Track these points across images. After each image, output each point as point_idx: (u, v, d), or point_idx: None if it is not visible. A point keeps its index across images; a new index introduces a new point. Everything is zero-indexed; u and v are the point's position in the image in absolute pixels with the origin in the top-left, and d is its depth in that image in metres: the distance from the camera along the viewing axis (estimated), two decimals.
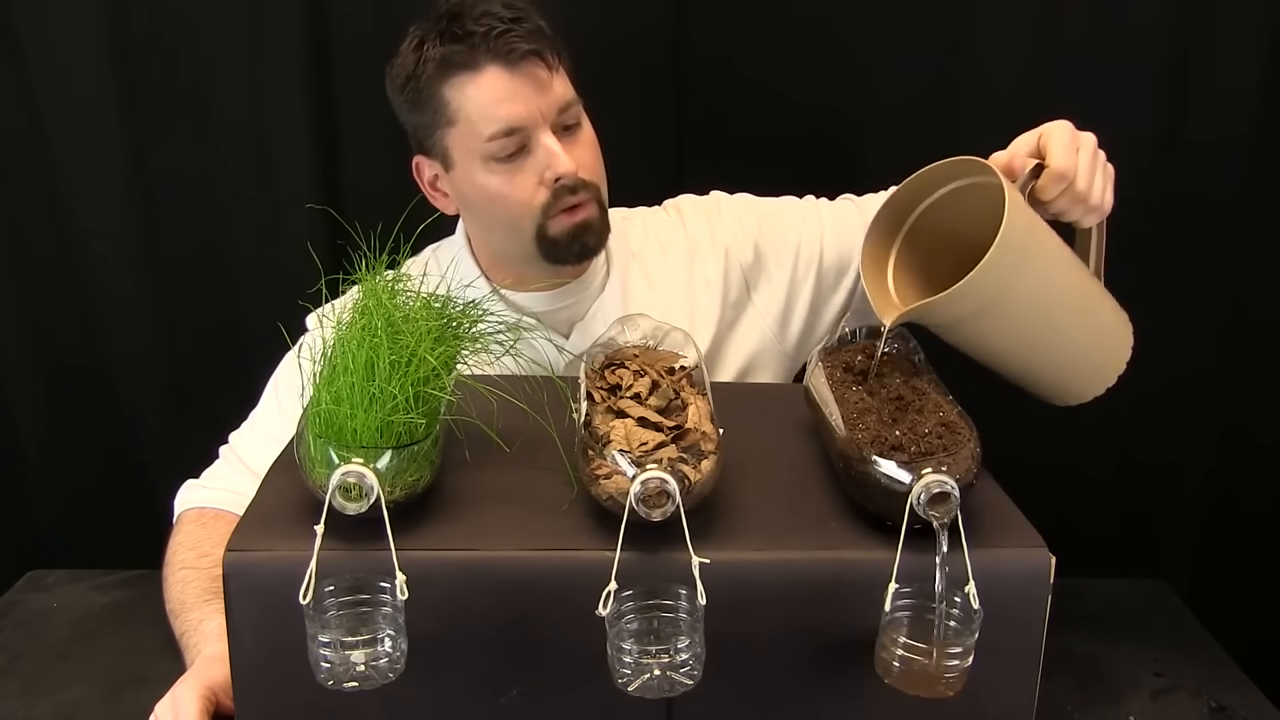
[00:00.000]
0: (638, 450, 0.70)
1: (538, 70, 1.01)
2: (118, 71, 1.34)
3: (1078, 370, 0.99)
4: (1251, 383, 1.50)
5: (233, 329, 1.46)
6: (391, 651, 0.66)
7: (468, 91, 1.01)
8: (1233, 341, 1.48)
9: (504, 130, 1.01)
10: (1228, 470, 1.53)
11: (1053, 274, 0.92)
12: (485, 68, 1.00)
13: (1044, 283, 0.91)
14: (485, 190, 1.04)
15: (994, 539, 0.72)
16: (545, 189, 1.03)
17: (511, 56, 1.00)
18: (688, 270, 1.16)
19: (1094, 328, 0.98)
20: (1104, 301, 0.99)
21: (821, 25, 1.38)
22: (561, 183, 1.02)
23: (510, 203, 1.04)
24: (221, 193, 1.41)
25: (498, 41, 0.99)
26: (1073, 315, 0.96)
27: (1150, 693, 1.00)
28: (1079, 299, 0.96)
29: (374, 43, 1.33)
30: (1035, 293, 0.90)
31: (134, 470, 1.50)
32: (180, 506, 1.10)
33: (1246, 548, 1.56)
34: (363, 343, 0.72)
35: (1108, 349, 0.99)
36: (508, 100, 1.00)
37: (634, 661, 0.65)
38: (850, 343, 0.91)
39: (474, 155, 1.03)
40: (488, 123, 1.01)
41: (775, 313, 1.16)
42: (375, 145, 1.38)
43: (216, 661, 0.87)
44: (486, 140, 1.01)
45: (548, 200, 1.03)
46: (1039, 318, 0.93)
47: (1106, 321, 0.99)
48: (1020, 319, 0.91)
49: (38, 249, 1.42)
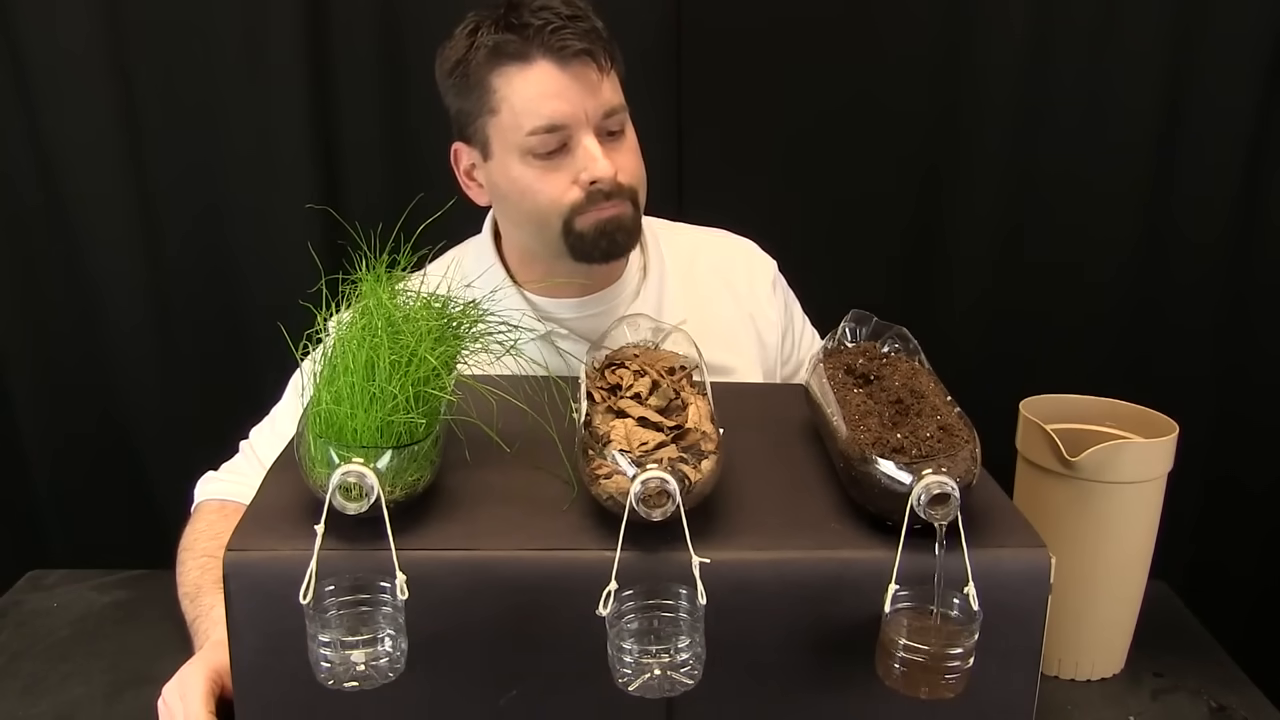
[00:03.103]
0: (638, 450, 0.70)
1: (588, 71, 1.00)
2: (118, 70, 1.35)
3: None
4: (1249, 387, 1.50)
5: (233, 329, 1.46)
6: (391, 651, 0.66)
7: (515, 83, 1.00)
8: (1230, 346, 1.49)
9: (547, 126, 1.00)
10: (1226, 470, 1.53)
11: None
12: (536, 61, 1.00)
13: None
14: (518, 183, 1.03)
15: (994, 539, 0.71)
16: (579, 189, 1.02)
17: (564, 53, 0.99)
18: (735, 304, 1.16)
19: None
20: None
21: (824, 28, 1.39)
22: (597, 186, 1.01)
23: (541, 199, 1.03)
24: (222, 193, 1.41)
25: (552, 37, 0.99)
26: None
27: (1150, 693, 1.00)
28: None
29: (375, 43, 1.34)
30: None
31: (134, 471, 1.50)
32: (200, 496, 1.10)
33: (1246, 548, 1.56)
34: (363, 342, 0.72)
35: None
36: (554, 97, 1.00)
37: (634, 661, 0.65)
38: (851, 345, 0.91)
39: (513, 147, 1.02)
40: (531, 117, 1.00)
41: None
42: (376, 146, 1.38)
43: (224, 647, 0.87)
44: (527, 134, 1.00)
45: (580, 201, 1.02)
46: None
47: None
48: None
49: (38, 250, 1.42)
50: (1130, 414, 1.04)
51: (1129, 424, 1.03)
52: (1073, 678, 1.02)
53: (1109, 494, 0.96)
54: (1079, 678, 1.02)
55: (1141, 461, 0.96)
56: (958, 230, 1.51)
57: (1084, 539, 0.97)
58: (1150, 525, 1.00)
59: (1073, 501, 0.97)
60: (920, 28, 1.40)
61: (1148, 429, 1.01)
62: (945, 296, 1.54)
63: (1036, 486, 0.99)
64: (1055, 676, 1.02)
